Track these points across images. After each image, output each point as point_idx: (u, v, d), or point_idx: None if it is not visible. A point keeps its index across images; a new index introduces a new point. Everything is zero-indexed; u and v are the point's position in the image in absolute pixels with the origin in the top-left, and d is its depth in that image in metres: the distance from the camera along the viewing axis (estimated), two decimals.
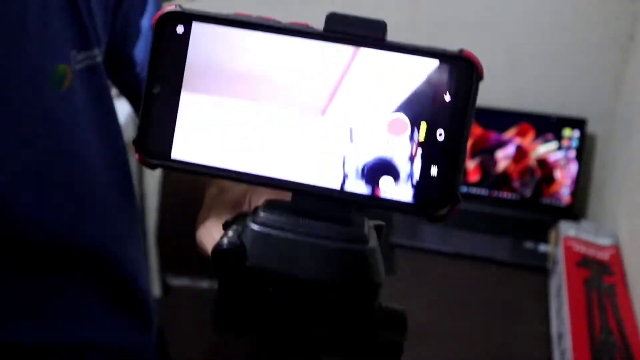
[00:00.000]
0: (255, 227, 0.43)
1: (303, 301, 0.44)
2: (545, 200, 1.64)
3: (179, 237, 2.07)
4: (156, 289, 2.19)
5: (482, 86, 0.42)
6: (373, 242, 0.44)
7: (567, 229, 1.35)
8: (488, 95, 1.65)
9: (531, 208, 1.64)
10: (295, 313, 0.44)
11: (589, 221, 1.42)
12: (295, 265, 0.43)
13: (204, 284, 1.99)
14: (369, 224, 0.45)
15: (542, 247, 1.50)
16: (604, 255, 1.27)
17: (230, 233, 0.44)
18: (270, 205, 0.45)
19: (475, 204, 1.67)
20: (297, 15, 1.58)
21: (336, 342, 0.45)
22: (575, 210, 1.66)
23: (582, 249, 1.28)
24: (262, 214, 0.44)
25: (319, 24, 0.44)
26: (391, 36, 0.44)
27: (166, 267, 2.01)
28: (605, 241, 1.32)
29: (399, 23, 1.66)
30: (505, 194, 1.67)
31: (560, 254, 1.27)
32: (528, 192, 1.65)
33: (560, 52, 1.58)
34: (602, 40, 1.54)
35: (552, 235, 1.45)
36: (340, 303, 0.43)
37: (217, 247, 0.43)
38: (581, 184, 1.66)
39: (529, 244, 1.52)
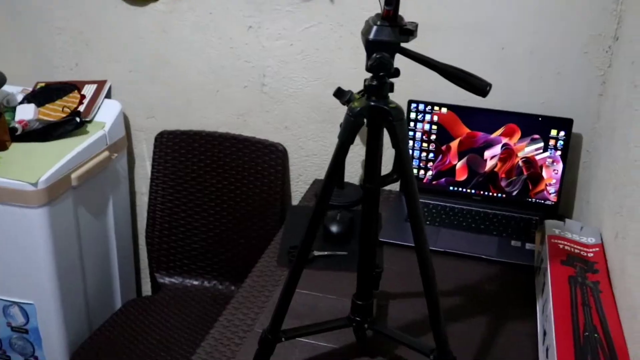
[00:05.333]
0: None
1: None
2: (532, 199, 1.66)
3: (169, 236, 2.10)
4: (147, 287, 2.20)
5: None
6: None
7: (552, 227, 1.37)
8: (474, 97, 1.67)
9: (518, 207, 1.67)
10: None
11: (574, 220, 1.44)
12: None
13: (193, 281, 2.00)
14: None
15: (529, 246, 1.52)
16: (589, 254, 1.29)
17: None
18: None
19: (462, 202, 1.69)
20: (286, 16, 1.56)
21: None
22: (561, 209, 1.68)
23: (567, 247, 1.30)
24: None
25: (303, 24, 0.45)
26: None
27: (156, 265, 2.02)
28: (589, 240, 1.34)
29: None
30: (493, 193, 1.69)
31: (546, 252, 1.29)
32: (515, 191, 1.67)
33: (547, 53, 1.60)
34: (588, 41, 1.56)
35: (538, 235, 1.47)
36: None
37: None
38: (567, 183, 1.68)
39: (515, 242, 1.54)
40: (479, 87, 0.99)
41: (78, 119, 1.81)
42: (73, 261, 1.79)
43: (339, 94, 1.74)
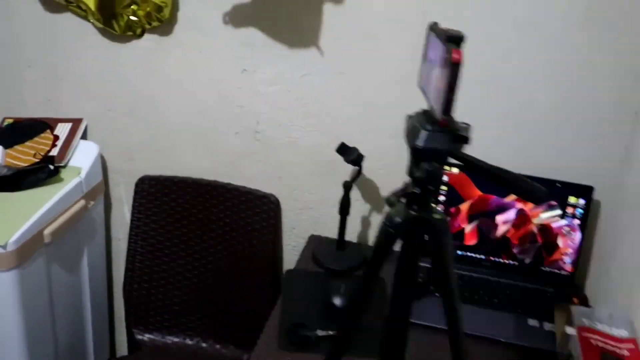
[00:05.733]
0: None
1: None
2: (546, 268, 1.56)
3: (148, 289, 1.94)
4: (123, 342, 2.04)
5: (487, 147, 0.33)
6: None
7: (580, 316, 1.27)
8: (491, 157, 1.55)
9: (531, 275, 1.56)
10: None
11: (601, 306, 1.34)
12: None
13: (174, 338, 1.85)
14: None
15: (547, 326, 1.41)
16: (623, 350, 1.19)
17: None
18: None
19: (471, 268, 1.58)
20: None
21: None
22: (576, 280, 1.58)
23: (600, 344, 1.20)
24: None
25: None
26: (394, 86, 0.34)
27: (134, 320, 1.86)
28: (622, 332, 1.24)
29: (402, 77, 1.55)
30: (504, 260, 1.58)
31: (577, 348, 1.19)
32: (528, 259, 1.56)
33: (568, 116, 1.50)
34: (612, 105, 1.46)
35: (558, 315, 1.37)
36: None
37: None
38: (584, 254, 1.58)
39: (532, 322, 1.43)
40: (534, 194, 0.87)
41: (51, 166, 1.64)
42: (44, 322, 1.62)
43: (343, 150, 1.61)
